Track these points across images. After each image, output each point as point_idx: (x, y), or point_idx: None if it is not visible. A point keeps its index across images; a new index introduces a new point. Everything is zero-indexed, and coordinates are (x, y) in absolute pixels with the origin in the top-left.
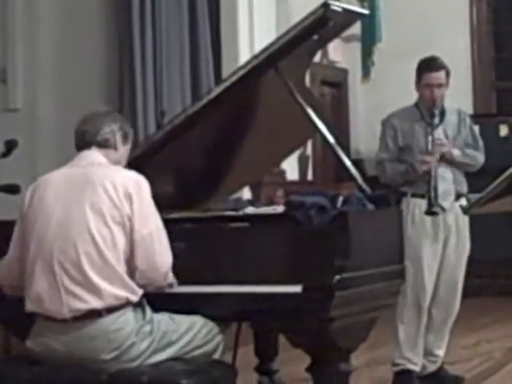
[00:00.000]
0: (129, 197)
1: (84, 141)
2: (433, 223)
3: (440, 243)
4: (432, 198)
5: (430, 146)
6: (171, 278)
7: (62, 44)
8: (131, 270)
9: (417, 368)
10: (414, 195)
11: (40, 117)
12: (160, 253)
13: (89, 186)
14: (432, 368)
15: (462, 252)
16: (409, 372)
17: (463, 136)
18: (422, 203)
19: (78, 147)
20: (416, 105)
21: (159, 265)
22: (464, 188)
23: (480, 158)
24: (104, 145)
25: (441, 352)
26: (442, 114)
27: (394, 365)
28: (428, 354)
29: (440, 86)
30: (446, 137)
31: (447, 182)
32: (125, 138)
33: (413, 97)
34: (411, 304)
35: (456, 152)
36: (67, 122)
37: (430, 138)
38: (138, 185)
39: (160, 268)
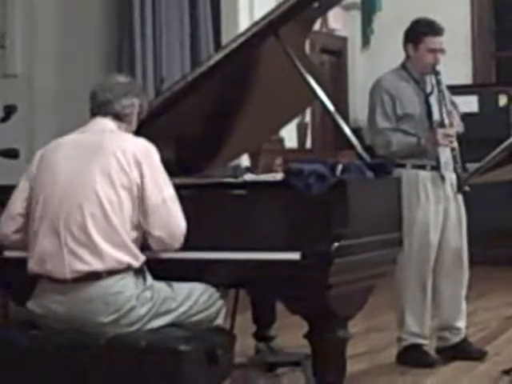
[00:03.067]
0: (139, 165)
1: (101, 108)
2: (435, 195)
3: (441, 215)
4: (461, 175)
5: (445, 118)
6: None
7: (61, 10)
8: (142, 235)
9: (426, 341)
10: (414, 166)
11: (39, 82)
12: (174, 219)
13: (99, 151)
14: (455, 340)
15: (462, 221)
16: (418, 346)
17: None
18: (425, 175)
19: (94, 113)
20: (404, 68)
21: (174, 230)
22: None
23: (462, 125)
24: (121, 118)
25: (461, 324)
26: (439, 82)
27: (401, 340)
28: (449, 328)
29: (442, 50)
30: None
31: (446, 152)
32: (140, 114)
33: None
34: (414, 279)
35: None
36: (66, 88)
37: (444, 109)
38: (148, 153)
39: (175, 234)
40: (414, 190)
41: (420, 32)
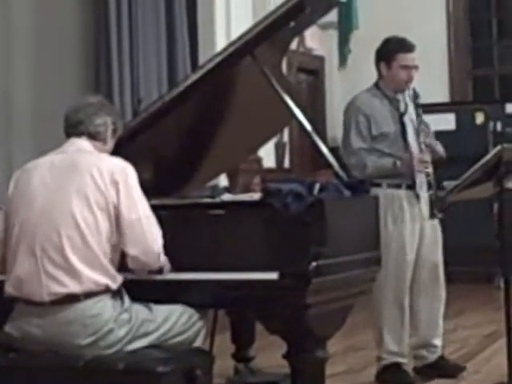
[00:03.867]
0: (115, 184)
1: (75, 129)
2: (411, 213)
3: (417, 233)
4: (434, 201)
5: (421, 141)
6: (163, 260)
7: (38, 31)
8: (120, 256)
9: (405, 360)
10: (389, 186)
11: (15, 105)
12: (151, 237)
13: (75, 171)
14: (432, 357)
15: (438, 238)
16: (396, 365)
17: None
18: (401, 194)
19: (68, 134)
20: (377, 87)
21: (150, 249)
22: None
23: (440, 146)
24: (95, 137)
25: (438, 341)
26: (416, 97)
27: (380, 359)
28: (426, 345)
29: (416, 67)
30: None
31: (421, 175)
32: (114, 132)
33: None
34: (391, 297)
35: (432, 141)
36: (43, 110)
37: (421, 134)
38: (124, 172)
39: (151, 252)
40: (390, 209)
41: (392, 50)
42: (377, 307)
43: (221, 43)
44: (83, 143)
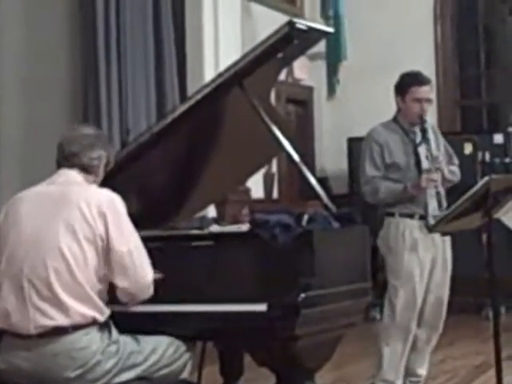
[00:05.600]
0: (103, 216)
1: (68, 161)
2: (423, 244)
3: (428, 264)
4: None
5: (429, 164)
6: (151, 293)
7: (28, 64)
8: (108, 288)
9: None
10: (401, 215)
11: (5, 135)
12: (141, 269)
13: (63, 203)
14: None
15: (447, 272)
16: None
17: (442, 152)
18: (413, 223)
19: (59, 164)
20: (395, 120)
21: (140, 281)
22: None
23: (458, 173)
24: (87, 170)
25: (423, 371)
26: (424, 131)
27: None
28: (410, 374)
29: (428, 100)
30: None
31: (434, 199)
32: (107, 166)
33: (378, 115)
34: (400, 326)
35: (445, 169)
36: (32, 140)
37: (429, 156)
38: (112, 203)
39: (141, 284)
40: (401, 239)
41: (405, 83)
42: (383, 335)
43: (209, 74)
44: (73, 175)
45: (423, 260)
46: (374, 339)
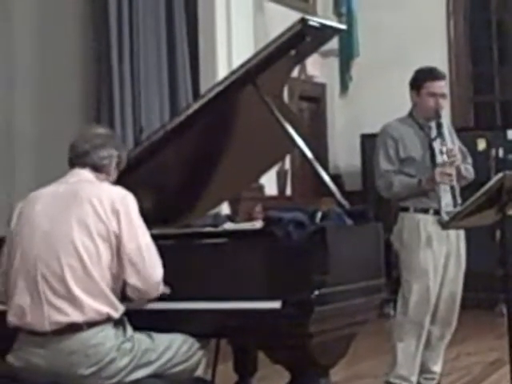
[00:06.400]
0: (116, 213)
1: (80, 160)
2: (438, 239)
3: (442, 259)
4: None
5: (445, 158)
6: (162, 289)
7: (40, 61)
8: (122, 285)
9: None
10: (416, 210)
11: (18, 135)
12: (150, 266)
13: (76, 201)
14: None
15: (461, 267)
16: None
17: (457, 148)
18: (427, 218)
19: (72, 164)
20: (411, 115)
21: (150, 279)
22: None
23: (472, 172)
24: (99, 169)
25: (437, 368)
26: (439, 125)
27: (388, 383)
28: (424, 371)
29: (443, 95)
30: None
31: (448, 194)
32: (118, 165)
33: (391, 111)
34: (413, 322)
35: (462, 165)
36: (45, 139)
37: (444, 149)
38: (125, 201)
39: (151, 281)
40: (416, 234)
41: (420, 78)
42: (397, 331)
43: (222, 72)
44: (86, 174)
45: (437, 255)
46: (388, 336)
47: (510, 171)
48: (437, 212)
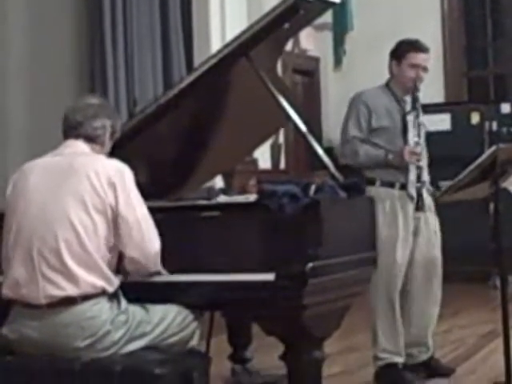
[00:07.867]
0: (112, 186)
1: (73, 131)
2: (403, 213)
3: (410, 233)
4: (420, 194)
5: (416, 134)
6: (159, 265)
7: (32, 35)
8: (118, 259)
9: (401, 359)
10: (383, 184)
11: (10, 112)
12: (148, 239)
13: (71, 174)
14: (423, 357)
15: (433, 235)
16: (394, 365)
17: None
18: (393, 193)
19: (66, 135)
20: (387, 85)
21: (148, 251)
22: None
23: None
24: (93, 139)
25: (429, 340)
26: (415, 99)
27: (377, 359)
28: (417, 344)
29: (425, 68)
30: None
31: (415, 172)
32: (112, 135)
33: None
34: (383, 297)
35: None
36: (38, 112)
37: (417, 124)
38: (121, 173)
39: (149, 254)
40: (381, 208)
41: (403, 49)
42: (372, 305)
43: (216, 45)
44: (80, 145)
45: (405, 229)
46: None
47: (504, 144)
48: (403, 187)
